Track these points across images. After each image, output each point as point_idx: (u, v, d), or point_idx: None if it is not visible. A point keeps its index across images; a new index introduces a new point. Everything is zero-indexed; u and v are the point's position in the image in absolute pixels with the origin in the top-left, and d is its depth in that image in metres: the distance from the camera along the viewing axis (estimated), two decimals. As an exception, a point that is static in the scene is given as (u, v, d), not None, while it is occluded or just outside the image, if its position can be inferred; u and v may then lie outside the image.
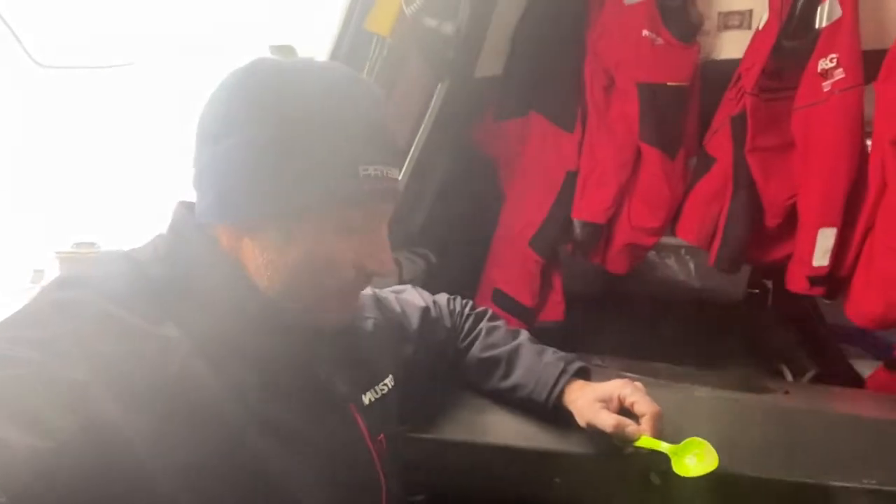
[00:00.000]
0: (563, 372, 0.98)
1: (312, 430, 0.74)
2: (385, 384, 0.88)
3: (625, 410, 0.91)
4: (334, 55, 1.19)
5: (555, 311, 2.05)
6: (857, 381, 1.68)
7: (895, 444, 0.98)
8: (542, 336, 1.09)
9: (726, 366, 1.72)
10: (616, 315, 2.02)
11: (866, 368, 1.71)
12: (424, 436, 1.00)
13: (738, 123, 1.57)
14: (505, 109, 1.96)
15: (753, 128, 1.55)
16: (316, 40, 1.19)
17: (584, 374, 1.01)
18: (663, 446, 0.85)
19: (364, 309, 0.93)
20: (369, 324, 0.92)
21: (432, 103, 1.84)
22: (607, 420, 0.88)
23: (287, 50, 1.18)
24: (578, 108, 1.84)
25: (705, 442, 0.85)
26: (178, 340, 0.64)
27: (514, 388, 1.01)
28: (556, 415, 0.97)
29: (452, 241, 2.08)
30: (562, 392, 0.97)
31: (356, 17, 1.18)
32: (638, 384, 0.94)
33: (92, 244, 1.55)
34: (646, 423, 0.87)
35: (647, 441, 0.86)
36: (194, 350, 0.65)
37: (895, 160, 1.40)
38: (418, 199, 1.99)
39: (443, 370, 1.07)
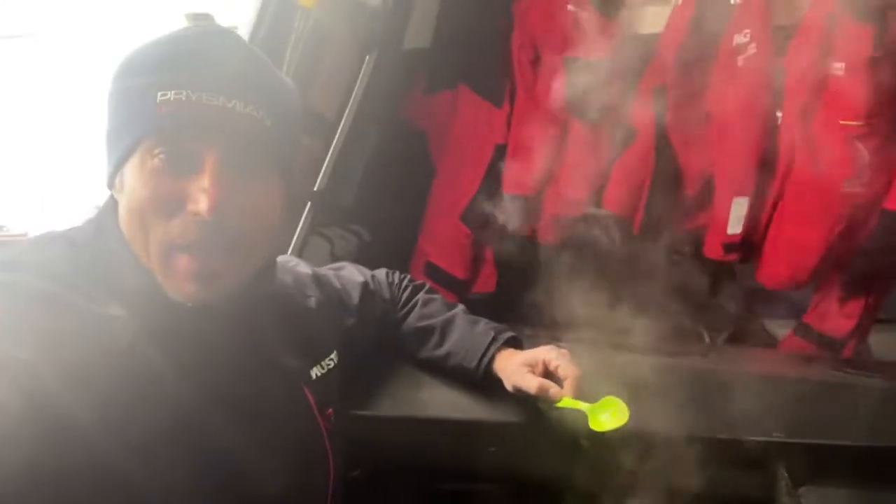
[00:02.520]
0: (493, 340, 1.01)
1: (263, 404, 0.76)
2: (331, 359, 0.89)
3: (550, 374, 0.95)
4: (256, 27, 1.15)
5: (487, 283, 2.08)
6: (770, 342, 1.79)
7: (801, 398, 1.06)
8: (475, 308, 1.11)
9: (649, 330, 1.80)
10: (546, 285, 2.07)
11: (778, 329, 1.82)
12: (362, 412, 1.01)
13: (658, 95, 1.62)
14: (434, 83, 1.95)
15: (673, 100, 1.60)
16: (239, 11, 1.14)
17: (515, 343, 1.04)
18: (582, 406, 0.91)
19: (305, 288, 0.94)
20: (312, 302, 0.93)
21: (360, 76, 1.81)
22: (531, 382, 0.92)
23: (203, 17, 1.12)
24: (507, 83, 1.84)
25: (618, 400, 0.91)
26: (124, 320, 0.64)
27: (447, 356, 1.04)
28: (486, 382, 1.00)
29: (384, 217, 2.07)
30: (492, 359, 1.00)
31: (279, -12, 1.14)
32: (563, 350, 0.98)
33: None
34: (567, 385, 0.93)
35: (568, 402, 0.92)
36: (141, 329, 0.65)
37: (803, 133, 1.48)
38: (349, 174, 1.97)
39: (383, 340, 1.08)
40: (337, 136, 1.80)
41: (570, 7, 1.68)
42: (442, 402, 1.03)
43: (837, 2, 1.40)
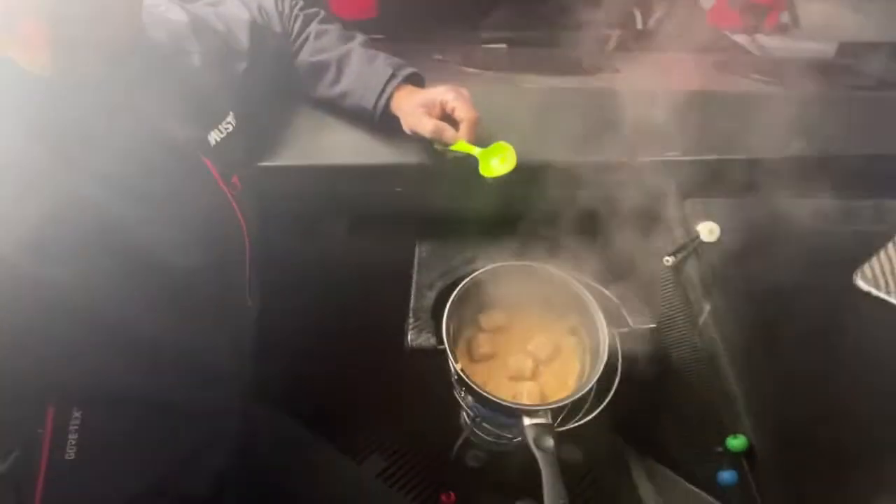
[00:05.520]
0: (392, 77, 0.97)
1: (159, 181, 0.72)
2: (229, 122, 0.84)
3: (448, 117, 0.94)
4: None
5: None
6: (698, 13, 1.71)
7: (701, 115, 1.07)
8: (393, 7, 1.00)
9: (575, 29, 1.67)
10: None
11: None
12: (267, 164, 0.99)
13: None
14: None
15: None
16: None
17: (415, 80, 1.00)
18: (475, 150, 0.92)
19: (184, 41, 0.83)
20: (195, 59, 0.83)
21: None
22: (427, 125, 0.91)
23: None
24: None
25: (509, 146, 0.92)
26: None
27: (344, 94, 1.00)
28: (384, 122, 0.98)
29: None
30: (390, 98, 0.97)
31: None
32: (463, 90, 0.94)
33: None
34: (463, 128, 0.91)
35: (462, 146, 0.92)
36: (17, 122, 0.60)
37: None
38: None
39: (278, 78, 1.02)
40: None
41: None
42: (346, 146, 1.01)
43: None
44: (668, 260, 0.99)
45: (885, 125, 1.12)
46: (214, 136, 0.81)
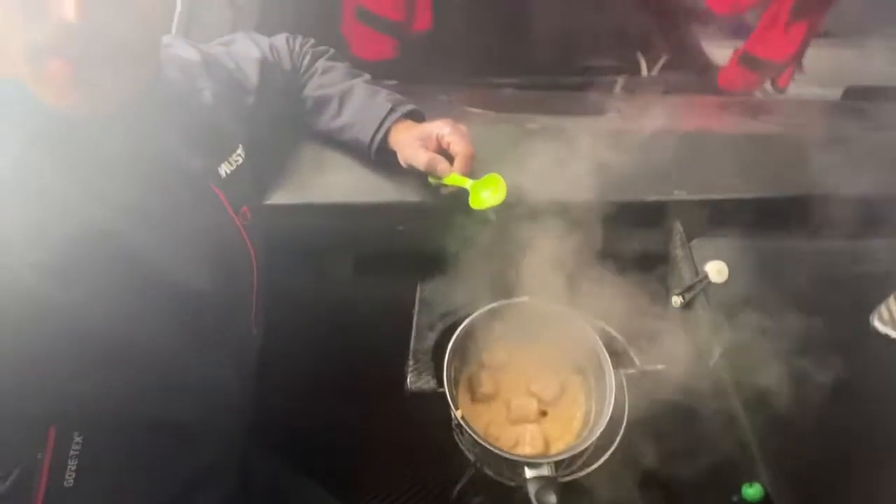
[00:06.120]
0: (391, 111, 0.98)
1: (174, 210, 0.74)
2: (238, 155, 0.86)
3: (444, 151, 0.94)
4: None
5: (423, 19, 1.94)
6: (707, 68, 1.73)
7: (707, 155, 1.06)
8: (412, 50, 1.02)
9: (580, 73, 1.71)
10: (484, 22, 1.92)
11: (716, 50, 1.75)
12: (273, 203, 0.99)
13: None
14: None
15: None
16: None
17: (415, 116, 1.01)
18: (468, 183, 0.91)
19: (196, 80, 0.86)
20: (207, 95, 0.86)
21: None
22: (422, 157, 0.91)
23: None
24: None
25: (500, 177, 0.91)
26: (25, 148, 0.61)
27: (343, 127, 1.01)
28: (380, 156, 0.99)
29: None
30: (388, 132, 0.97)
31: None
32: (460, 126, 0.95)
33: None
34: (457, 162, 0.91)
35: (455, 178, 0.92)
36: (42, 155, 0.62)
37: None
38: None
39: (288, 116, 1.04)
40: None
41: None
42: (349, 184, 1.01)
43: None
44: (677, 300, 0.97)
45: (892, 166, 1.11)
46: (225, 169, 0.83)
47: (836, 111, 1.44)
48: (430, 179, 0.97)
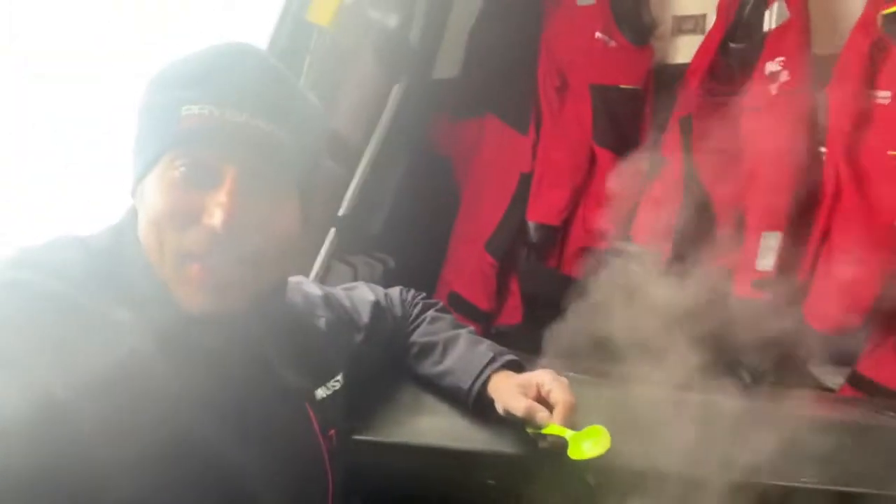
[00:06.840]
0: (491, 360, 0.98)
1: (266, 421, 0.74)
2: (337, 380, 0.88)
3: (544, 400, 0.90)
4: (273, 45, 1.16)
5: (512, 314, 2.04)
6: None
7: (838, 444, 0.98)
8: (502, 340, 1.07)
9: (682, 368, 1.70)
10: (574, 319, 2.01)
11: (825, 375, 1.71)
12: (362, 437, 0.97)
13: (686, 125, 1.58)
14: (461, 110, 1.95)
15: (699, 129, 1.55)
16: (254, 31, 1.16)
17: (515, 367, 1.00)
18: (567, 433, 0.86)
19: (315, 308, 0.93)
20: (321, 322, 0.92)
21: (388, 104, 1.82)
22: (521, 404, 0.88)
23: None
24: (532, 110, 1.83)
25: (603, 429, 0.85)
26: (129, 325, 0.64)
27: (443, 373, 1.01)
28: (478, 403, 0.97)
29: (411, 244, 2.05)
30: (487, 381, 0.97)
31: (296, 7, 1.15)
32: (562, 377, 0.93)
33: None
34: (557, 411, 0.88)
35: (554, 428, 0.86)
36: (146, 336, 0.64)
37: (848, 165, 1.41)
38: (376, 201, 1.97)
39: (391, 357, 1.06)
40: (363, 163, 1.81)
41: (598, 34, 1.66)
42: (442, 429, 0.98)
43: (880, 29, 1.35)
44: None
45: None
46: (322, 392, 0.85)
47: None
48: (529, 429, 0.92)
